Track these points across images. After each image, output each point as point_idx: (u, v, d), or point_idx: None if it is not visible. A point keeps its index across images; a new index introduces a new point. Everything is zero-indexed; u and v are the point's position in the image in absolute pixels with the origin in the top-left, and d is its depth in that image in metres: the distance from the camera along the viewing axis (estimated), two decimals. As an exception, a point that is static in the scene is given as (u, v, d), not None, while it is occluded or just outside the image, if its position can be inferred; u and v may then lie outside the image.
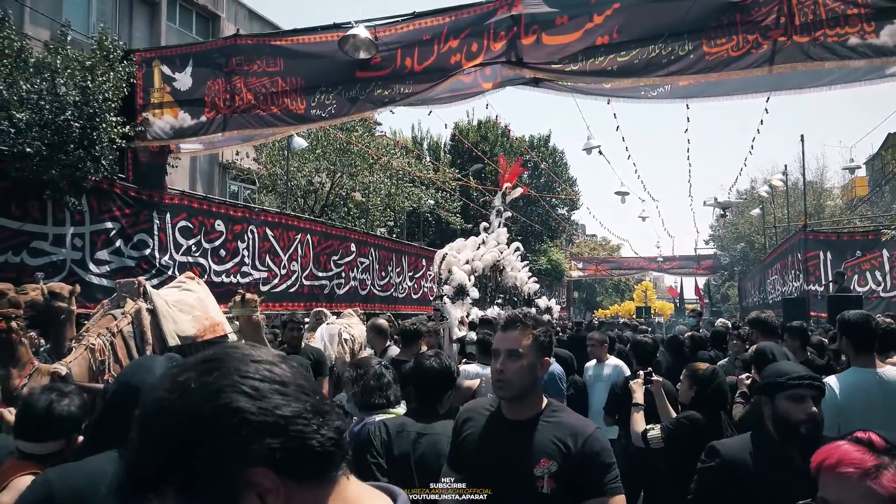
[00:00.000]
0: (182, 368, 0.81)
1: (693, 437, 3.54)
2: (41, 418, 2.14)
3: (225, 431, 0.74)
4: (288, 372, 0.83)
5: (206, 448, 0.74)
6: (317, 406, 0.82)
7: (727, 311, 49.43)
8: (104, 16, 15.25)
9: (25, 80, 7.61)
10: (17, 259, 7.60)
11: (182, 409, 0.75)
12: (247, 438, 0.75)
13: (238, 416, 0.75)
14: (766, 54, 6.03)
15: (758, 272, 27.80)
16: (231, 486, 0.74)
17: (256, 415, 0.75)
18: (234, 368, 0.79)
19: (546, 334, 2.31)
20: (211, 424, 0.74)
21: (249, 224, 11.73)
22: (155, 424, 0.76)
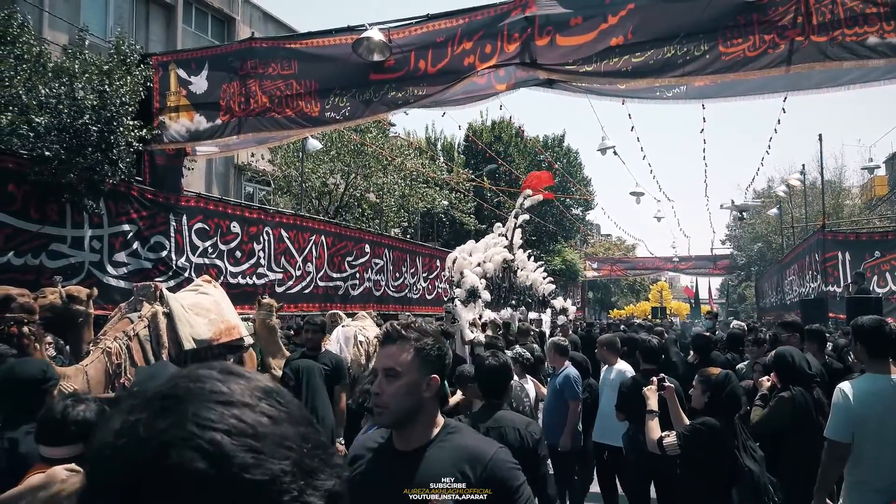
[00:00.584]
0: (137, 404, 0.64)
1: (709, 444, 3.51)
2: (57, 423, 2.21)
3: (173, 498, 0.58)
4: (265, 417, 0.63)
5: None
6: (302, 463, 0.63)
7: (744, 312, 48.99)
8: (121, 19, 15.41)
9: (44, 85, 7.71)
10: (37, 261, 7.70)
11: (126, 459, 0.60)
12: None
13: (189, 478, 0.57)
14: (784, 54, 5.97)
15: (775, 273, 27.52)
16: None
17: (214, 480, 0.58)
18: (192, 414, 0.61)
19: (434, 347, 1.96)
20: (158, 486, 0.58)
21: (265, 225, 11.80)
22: (99, 471, 0.62)
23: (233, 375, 0.67)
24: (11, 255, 7.43)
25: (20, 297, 4.03)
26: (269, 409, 0.65)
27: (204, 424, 0.60)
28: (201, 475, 0.58)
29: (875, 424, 3.24)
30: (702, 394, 3.76)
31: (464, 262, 11.93)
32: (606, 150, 14.57)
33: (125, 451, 0.60)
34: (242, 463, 0.59)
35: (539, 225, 32.17)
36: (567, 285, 35.46)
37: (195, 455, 0.58)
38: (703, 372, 3.88)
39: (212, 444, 0.59)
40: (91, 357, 4.27)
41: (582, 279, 41.28)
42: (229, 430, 0.60)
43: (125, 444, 0.61)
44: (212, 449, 0.59)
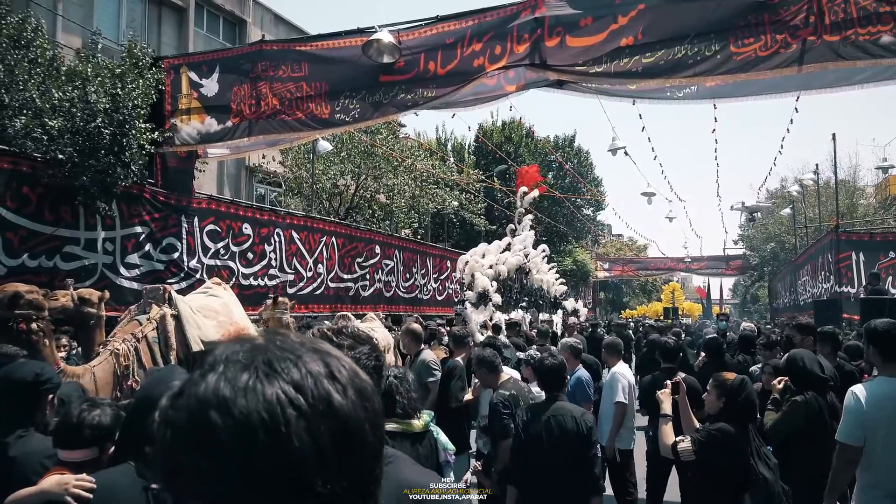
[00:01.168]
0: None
1: (724, 450, 3.47)
2: (72, 427, 2.24)
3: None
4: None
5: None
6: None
7: (757, 313, 48.62)
8: (134, 23, 15.53)
9: (58, 88, 7.78)
10: (51, 263, 7.77)
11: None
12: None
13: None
14: (796, 54, 5.92)
15: (788, 273, 27.30)
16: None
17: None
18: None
19: (369, 357, 1.83)
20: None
21: (276, 227, 11.85)
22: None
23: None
24: (26, 257, 7.51)
25: (28, 293, 4.07)
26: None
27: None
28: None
29: (887, 428, 3.20)
30: (717, 399, 3.70)
31: (476, 265, 11.93)
32: (617, 150, 14.50)
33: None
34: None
35: (550, 225, 32.10)
36: (578, 286, 35.35)
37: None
38: (718, 377, 3.81)
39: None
40: (99, 358, 4.31)
41: (593, 280, 41.15)
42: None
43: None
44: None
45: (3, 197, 7.38)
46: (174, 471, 0.64)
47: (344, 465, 0.64)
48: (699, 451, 3.52)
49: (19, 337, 3.91)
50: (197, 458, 0.61)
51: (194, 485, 0.62)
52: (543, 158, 32.62)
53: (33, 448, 2.54)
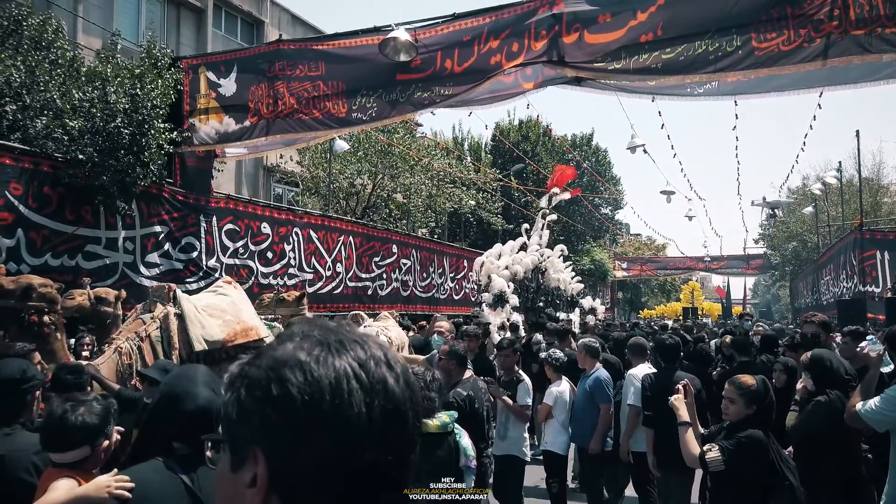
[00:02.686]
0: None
1: (755, 458, 3.35)
2: (57, 429, 2.19)
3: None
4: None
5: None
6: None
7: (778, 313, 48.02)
8: (153, 24, 15.67)
9: (78, 89, 7.86)
10: (73, 262, 7.85)
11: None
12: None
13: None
14: (820, 48, 5.80)
15: (811, 272, 26.92)
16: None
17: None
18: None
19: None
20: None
21: (294, 226, 11.90)
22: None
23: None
24: (49, 257, 7.60)
25: (41, 287, 4.08)
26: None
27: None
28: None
29: None
30: (746, 406, 3.46)
31: (492, 266, 11.88)
32: (636, 148, 14.34)
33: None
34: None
35: (567, 224, 31.92)
36: (596, 285, 35.16)
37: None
38: (737, 381, 3.56)
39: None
40: (104, 356, 4.33)
41: (611, 279, 40.87)
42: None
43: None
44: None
45: (24, 196, 7.47)
46: (241, 419, 0.74)
47: (388, 441, 0.73)
48: (729, 461, 3.36)
49: (31, 329, 3.93)
50: (266, 407, 0.72)
51: (258, 431, 0.72)
52: (561, 157, 32.44)
53: (20, 445, 2.50)
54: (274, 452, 0.72)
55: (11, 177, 7.38)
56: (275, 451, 0.72)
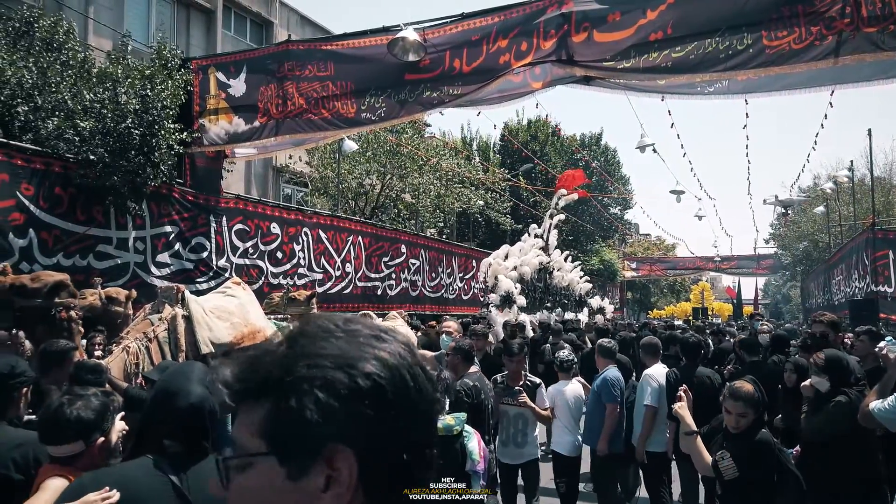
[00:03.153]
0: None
1: (767, 462, 3.32)
2: (52, 422, 2.20)
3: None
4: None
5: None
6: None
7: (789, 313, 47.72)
8: (163, 25, 15.73)
9: (89, 90, 7.91)
10: (84, 262, 7.90)
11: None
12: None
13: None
14: (831, 46, 5.76)
15: (822, 272, 26.73)
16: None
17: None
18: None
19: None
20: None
21: (303, 226, 11.93)
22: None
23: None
24: (60, 256, 7.64)
25: (66, 281, 4.11)
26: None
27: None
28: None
29: None
30: (741, 414, 3.35)
31: (498, 267, 11.87)
32: (645, 147, 14.30)
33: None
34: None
35: (576, 224, 31.86)
36: (605, 285, 35.04)
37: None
38: (734, 389, 3.42)
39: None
40: (113, 355, 4.35)
41: (620, 279, 40.74)
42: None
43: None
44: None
45: (36, 197, 7.52)
46: (322, 421, 0.71)
47: (432, 419, 0.80)
48: (743, 468, 3.29)
49: (61, 325, 3.94)
50: (355, 404, 0.72)
51: (345, 430, 0.71)
52: (570, 157, 32.37)
53: (0, 441, 2.50)
54: (366, 447, 0.72)
55: (23, 178, 7.43)
56: (367, 445, 0.72)
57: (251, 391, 0.76)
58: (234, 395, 0.77)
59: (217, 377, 0.78)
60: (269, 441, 0.74)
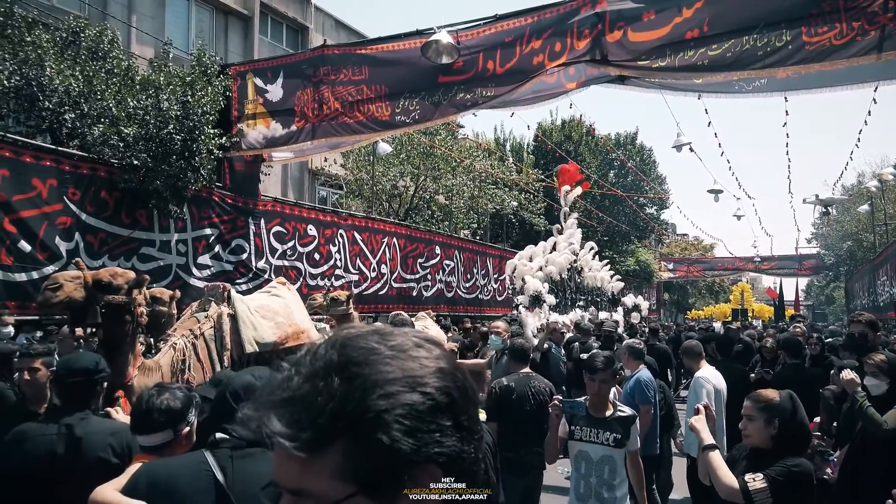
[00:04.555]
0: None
1: (805, 492, 2.77)
2: (141, 413, 2.33)
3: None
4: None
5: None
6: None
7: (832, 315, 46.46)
8: (202, 32, 16.09)
9: (132, 97, 8.15)
10: (129, 264, 8.13)
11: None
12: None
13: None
14: (874, 41, 5.62)
15: (867, 273, 25.99)
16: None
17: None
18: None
19: None
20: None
21: (339, 228, 12.08)
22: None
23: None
24: (106, 258, 7.89)
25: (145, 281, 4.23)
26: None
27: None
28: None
29: None
30: (766, 425, 2.83)
31: (524, 269, 11.82)
32: (682, 146, 14.10)
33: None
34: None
35: (612, 225, 31.54)
36: (641, 286, 34.57)
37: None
38: (759, 396, 2.95)
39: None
40: (161, 353, 4.46)
41: (657, 280, 40.16)
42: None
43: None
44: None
45: (82, 201, 7.78)
46: (412, 445, 0.71)
47: (470, 412, 0.78)
48: (777, 492, 2.70)
49: (136, 322, 4.08)
50: (437, 420, 0.73)
51: (429, 448, 0.71)
52: (604, 157, 32.07)
53: (96, 428, 2.70)
54: (448, 458, 0.73)
55: (70, 182, 7.70)
56: (450, 457, 0.73)
57: (321, 438, 0.70)
58: (306, 446, 0.69)
59: (269, 430, 0.70)
60: (356, 481, 0.70)
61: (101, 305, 3.88)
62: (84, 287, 3.87)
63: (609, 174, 33.54)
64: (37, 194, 7.35)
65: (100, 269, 4.17)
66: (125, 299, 3.95)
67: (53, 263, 7.32)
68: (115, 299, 3.90)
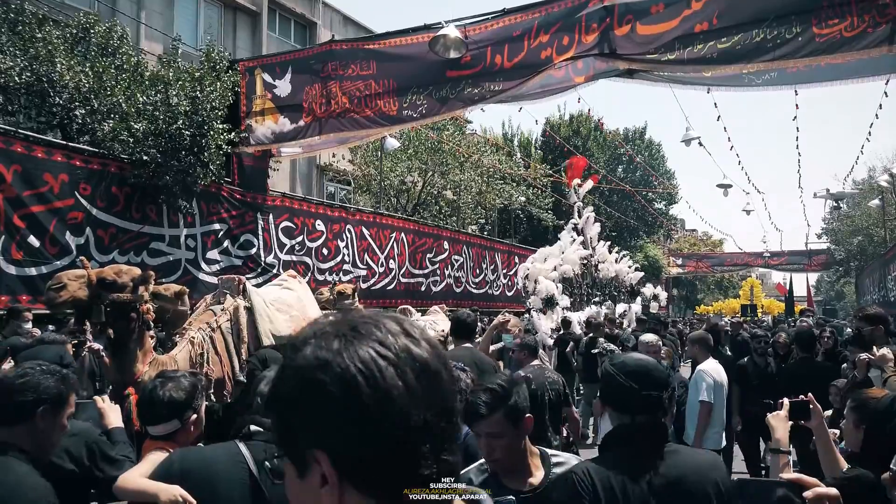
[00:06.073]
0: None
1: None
2: (145, 404, 2.35)
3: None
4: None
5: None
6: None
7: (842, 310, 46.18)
8: (211, 28, 16.16)
9: (142, 93, 8.19)
10: (139, 259, 8.19)
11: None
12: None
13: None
14: (885, 33, 5.57)
15: (877, 268, 25.80)
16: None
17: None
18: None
19: None
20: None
21: (347, 223, 12.11)
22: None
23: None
24: (116, 254, 7.95)
25: (150, 278, 4.21)
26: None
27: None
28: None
29: None
30: (856, 427, 2.55)
31: (537, 271, 11.80)
32: (691, 140, 14.05)
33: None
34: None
35: (620, 220, 31.46)
36: (650, 282, 34.48)
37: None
38: (858, 395, 2.69)
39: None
40: (178, 347, 4.47)
41: (666, 276, 40.04)
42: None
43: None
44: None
45: (93, 196, 7.83)
46: (292, 431, 0.79)
47: (429, 398, 0.77)
48: None
49: (142, 320, 4.06)
50: (314, 412, 0.76)
51: (313, 436, 0.76)
52: (613, 152, 31.98)
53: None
54: (335, 450, 0.75)
55: (81, 178, 7.75)
56: (336, 448, 0.75)
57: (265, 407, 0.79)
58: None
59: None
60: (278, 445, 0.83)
61: (106, 304, 3.87)
62: (88, 286, 3.85)
63: (618, 169, 33.46)
64: (48, 189, 7.40)
65: (105, 267, 4.16)
66: (130, 297, 3.95)
67: (63, 258, 7.38)
68: (119, 297, 3.89)
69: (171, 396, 2.29)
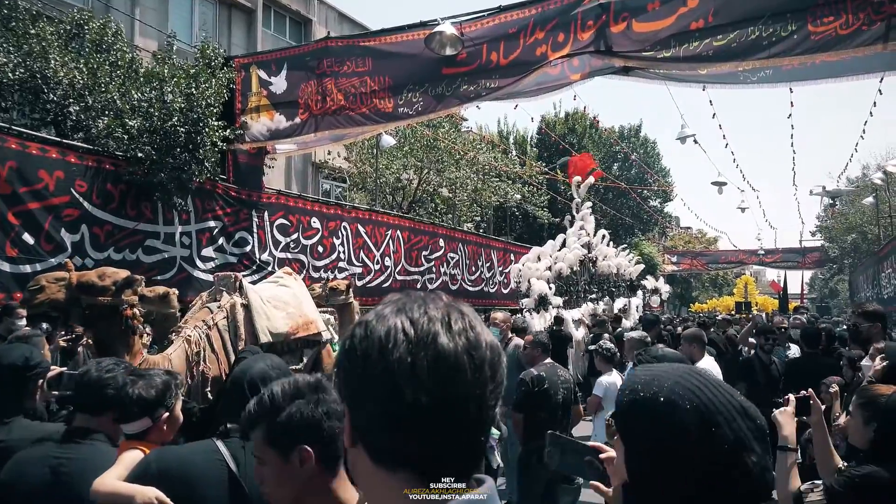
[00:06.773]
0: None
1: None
2: (118, 401, 2.30)
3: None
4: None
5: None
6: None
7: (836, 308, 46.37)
8: (206, 25, 16.11)
9: (136, 90, 8.16)
10: (134, 256, 8.17)
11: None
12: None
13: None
14: (880, 31, 5.58)
15: (871, 265, 25.93)
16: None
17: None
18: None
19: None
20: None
21: (342, 221, 12.10)
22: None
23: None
24: (111, 251, 7.92)
25: (139, 280, 4.17)
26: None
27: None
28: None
29: None
30: (865, 423, 2.51)
31: (529, 271, 11.79)
32: (686, 138, 14.06)
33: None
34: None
35: (615, 217, 31.49)
36: (645, 279, 34.51)
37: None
38: (866, 391, 2.65)
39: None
40: (174, 346, 4.44)
41: (660, 273, 40.10)
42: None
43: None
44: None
45: (88, 193, 7.80)
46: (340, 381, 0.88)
47: (437, 386, 0.80)
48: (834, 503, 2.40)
49: (127, 323, 4.01)
50: (343, 364, 0.86)
51: (343, 388, 0.86)
52: (608, 149, 32.00)
53: (17, 435, 2.49)
54: (351, 405, 0.85)
55: (77, 175, 7.71)
56: (351, 403, 0.85)
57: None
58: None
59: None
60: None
61: (85, 306, 3.84)
62: (67, 288, 3.81)
63: (613, 167, 33.48)
64: (44, 186, 7.36)
65: (91, 270, 4.14)
66: (111, 300, 3.91)
67: (59, 255, 7.34)
68: (99, 300, 3.86)
69: (140, 395, 2.26)
